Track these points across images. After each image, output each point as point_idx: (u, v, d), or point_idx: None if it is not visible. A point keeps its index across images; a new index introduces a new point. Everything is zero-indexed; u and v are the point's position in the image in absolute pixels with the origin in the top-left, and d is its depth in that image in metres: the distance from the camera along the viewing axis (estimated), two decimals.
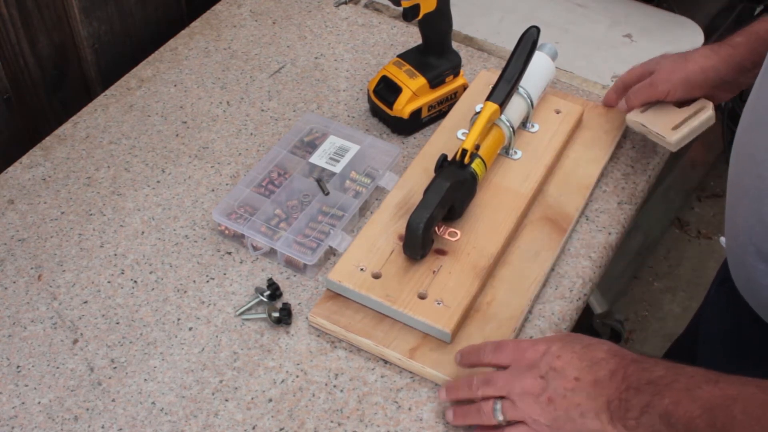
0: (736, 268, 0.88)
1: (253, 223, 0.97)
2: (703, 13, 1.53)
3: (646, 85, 1.03)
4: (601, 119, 1.11)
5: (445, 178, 0.91)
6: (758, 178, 0.76)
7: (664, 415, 0.65)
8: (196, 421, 0.83)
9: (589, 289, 0.96)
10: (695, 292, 2.10)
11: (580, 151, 1.07)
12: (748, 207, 0.79)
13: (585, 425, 0.71)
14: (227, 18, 1.31)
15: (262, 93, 1.19)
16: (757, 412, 0.60)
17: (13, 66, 1.12)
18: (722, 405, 0.63)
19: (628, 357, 0.71)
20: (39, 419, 0.84)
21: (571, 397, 0.72)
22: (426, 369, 0.85)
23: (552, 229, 0.98)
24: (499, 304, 0.91)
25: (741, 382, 0.64)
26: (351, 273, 0.91)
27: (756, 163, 0.76)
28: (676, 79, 1.00)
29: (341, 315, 0.90)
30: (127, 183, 1.06)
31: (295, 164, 1.04)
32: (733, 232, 0.85)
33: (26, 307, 0.93)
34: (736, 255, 0.87)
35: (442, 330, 0.86)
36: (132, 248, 0.99)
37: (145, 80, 1.20)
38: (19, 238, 1.00)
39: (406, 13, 1.03)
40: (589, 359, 0.72)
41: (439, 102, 1.12)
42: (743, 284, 0.88)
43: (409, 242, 0.90)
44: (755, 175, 0.76)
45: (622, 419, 0.69)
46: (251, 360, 0.88)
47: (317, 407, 0.84)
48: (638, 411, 0.67)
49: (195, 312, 0.93)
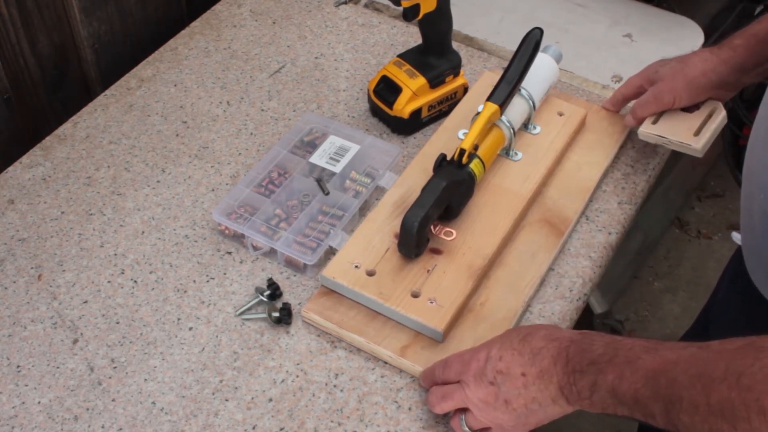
0: (754, 261, 0.88)
1: (253, 223, 0.97)
2: (703, 13, 1.53)
3: (651, 99, 1.03)
4: (604, 122, 1.11)
5: (442, 177, 0.91)
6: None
7: (611, 391, 0.66)
8: (196, 421, 0.83)
9: (589, 289, 0.96)
10: (695, 292, 2.10)
11: (581, 154, 1.07)
12: (765, 200, 0.79)
13: (547, 413, 0.73)
14: (227, 18, 1.31)
15: (262, 93, 1.19)
16: (698, 370, 0.60)
17: (13, 66, 1.12)
18: (663, 371, 0.63)
19: (566, 339, 0.72)
20: (39, 419, 0.84)
21: (525, 394, 0.73)
22: (416, 367, 0.85)
23: (550, 232, 0.98)
24: (492, 305, 0.91)
25: (679, 347, 0.64)
26: (345, 270, 0.91)
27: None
28: (680, 87, 1.00)
29: (334, 311, 0.90)
30: (127, 183, 1.06)
31: (295, 164, 1.04)
32: (750, 225, 0.84)
33: (26, 306, 0.93)
34: (753, 248, 0.87)
35: (434, 329, 0.86)
36: (132, 248, 0.99)
37: (145, 80, 1.20)
38: (19, 238, 1.00)
39: (406, 13, 1.03)
40: (529, 352, 0.73)
41: (439, 102, 1.12)
42: (763, 277, 0.87)
43: (404, 240, 0.90)
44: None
45: (578, 401, 0.70)
46: (251, 360, 0.88)
47: (317, 407, 0.84)
48: (588, 391, 0.68)
49: (195, 312, 0.93)
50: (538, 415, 0.73)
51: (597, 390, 0.67)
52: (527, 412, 0.73)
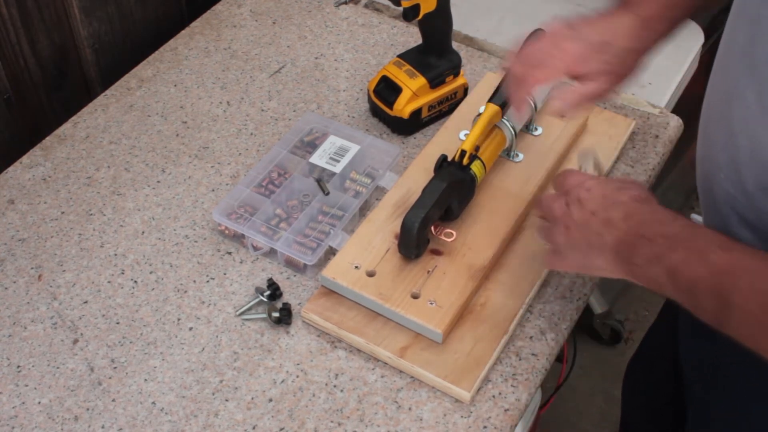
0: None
1: (253, 223, 0.97)
2: (703, 13, 1.53)
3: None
4: (606, 124, 1.11)
5: (443, 178, 0.91)
6: (735, 148, 0.75)
7: (671, 269, 0.66)
8: (196, 421, 0.83)
9: (589, 289, 0.96)
10: None
11: None
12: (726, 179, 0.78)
13: (592, 262, 0.74)
14: (227, 18, 1.31)
15: (262, 93, 1.19)
16: (764, 286, 0.61)
17: (13, 66, 1.12)
18: (730, 272, 0.63)
19: (647, 207, 0.72)
20: (39, 419, 0.84)
21: (584, 231, 0.74)
22: (415, 368, 0.86)
23: None
24: (493, 306, 0.91)
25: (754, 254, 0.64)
26: (345, 270, 0.91)
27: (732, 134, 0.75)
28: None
29: (334, 312, 0.90)
30: (127, 183, 1.06)
31: (296, 164, 1.04)
32: (712, 206, 0.84)
33: (26, 307, 0.93)
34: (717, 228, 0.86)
35: (433, 330, 0.86)
36: (132, 248, 0.99)
37: (145, 80, 1.20)
38: (20, 238, 1.00)
39: (406, 13, 1.03)
40: (612, 199, 0.74)
41: (439, 102, 1.12)
42: None
43: (404, 241, 0.90)
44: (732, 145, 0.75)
45: (626, 264, 0.70)
46: (251, 360, 0.88)
47: (317, 407, 0.84)
48: (645, 259, 0.68)
49: (195, 312, 0.93)
50: (586, 258, 0.74)
51: (656, 263, 0.67)
52: (576, 247, 0.74)
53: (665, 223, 0.70)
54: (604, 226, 0.72)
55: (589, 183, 0.76)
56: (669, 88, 1.27)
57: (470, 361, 0.86)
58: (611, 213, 0.72)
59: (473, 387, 0.84)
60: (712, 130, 0.78)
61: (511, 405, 0.85)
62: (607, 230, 0.72)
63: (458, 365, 0.86)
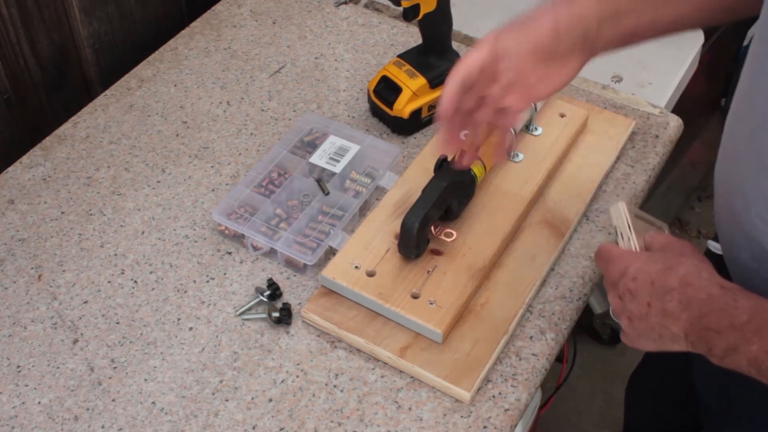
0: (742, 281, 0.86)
1: (253, 223, 0.97)
2: None
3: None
4: (606, 125, 1.11)
5: (443, 178, 0.91)
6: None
7: (753, 361, 0.65)
8: (196, 421, 0.83)
9: (589, 289, 0.96)
10: None
11: (582, 156, 1.07)
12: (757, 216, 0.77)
13: (666, 345, 0.72)
14: (227, 18, 1.31)
15: (262, 93, 1.19)
16: None
17: (13, 66, 1.12)
18: None
19: (702, 293, 0.69)
20: (39, 419, 0.84)
21: (647, 320, 0.72)
22: (415, 368, 0.86)
23: (551, 233, 0.98)
24: (493, 306, 0.91)
25: None
26: (345, 270, 0.91)
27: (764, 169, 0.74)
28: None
29: (334, 312, 0.90)
30: (127, 183, 1.06)
31: (295, 164, 1.04)
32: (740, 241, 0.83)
33: (26, 307, 0.93)
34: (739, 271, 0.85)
35: (433, 330, 0.86)
36: (132, 248, 0.99)
37: (145, 80, 1.20)
38: (20, 238, 1.00)
39: (406, 13, 1.03)
40: (662, 287, 0.71)
41: (439, 102, 1.12)
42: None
43: (404, 241, 0.90)
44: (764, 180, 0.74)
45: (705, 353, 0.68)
46: (251, 360, 0.88)
47: (317, 407, 0.84)
48: (722, 351, 0.67)
49: (195, 312, 0.93)
50: (661, 344, 0.72)
51: (734, 354, 0.66)
52: (646, 336, 0.73)
53: (727, 311, 0.67)
54: (664, 318, 0.70)
55: (632, 270, 0.73)
56: (669, 88, 1.26)
57: (470, 361, 0.86)
58: (666, 304, 0.70)
59: (473, 387, 0.84)
60: (738, 166, 0.77)
61: (511, 405, 0.85)
62: (669, 321, 0.70)
63: (458, 365, 0.86)
